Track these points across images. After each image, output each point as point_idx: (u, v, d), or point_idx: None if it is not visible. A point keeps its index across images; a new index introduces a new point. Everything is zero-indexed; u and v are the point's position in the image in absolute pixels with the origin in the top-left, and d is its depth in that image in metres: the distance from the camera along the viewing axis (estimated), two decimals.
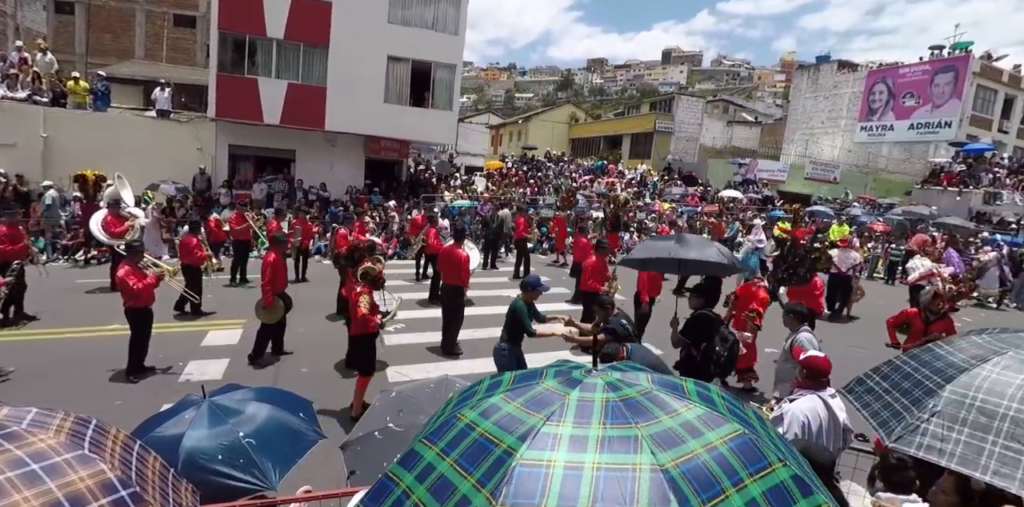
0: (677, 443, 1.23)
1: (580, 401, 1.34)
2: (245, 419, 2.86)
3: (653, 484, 1.13)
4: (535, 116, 45.90)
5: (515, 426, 1.29)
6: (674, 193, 23.60)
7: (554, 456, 1.20)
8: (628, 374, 1.54)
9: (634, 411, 1.31)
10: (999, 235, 17.47)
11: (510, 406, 1.37)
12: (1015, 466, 1.88)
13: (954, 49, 28.87)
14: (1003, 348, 2.25)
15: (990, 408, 2.04)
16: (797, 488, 1.22)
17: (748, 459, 1.23)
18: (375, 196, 18.29)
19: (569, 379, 1.46)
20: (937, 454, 2.03)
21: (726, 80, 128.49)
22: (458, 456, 1.28)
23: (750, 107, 52.46)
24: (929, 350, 2.57)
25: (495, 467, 1.20)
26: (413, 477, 1.29)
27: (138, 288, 6.30)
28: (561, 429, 1.26)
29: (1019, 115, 30.58)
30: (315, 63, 17.52)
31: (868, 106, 31.88)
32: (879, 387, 2.55)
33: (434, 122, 19.25)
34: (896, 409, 2.31)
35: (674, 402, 1.37)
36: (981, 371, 2.17)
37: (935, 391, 2.20)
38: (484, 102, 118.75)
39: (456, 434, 1.34)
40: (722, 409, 1.42)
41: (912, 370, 2.46)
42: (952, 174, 23.50)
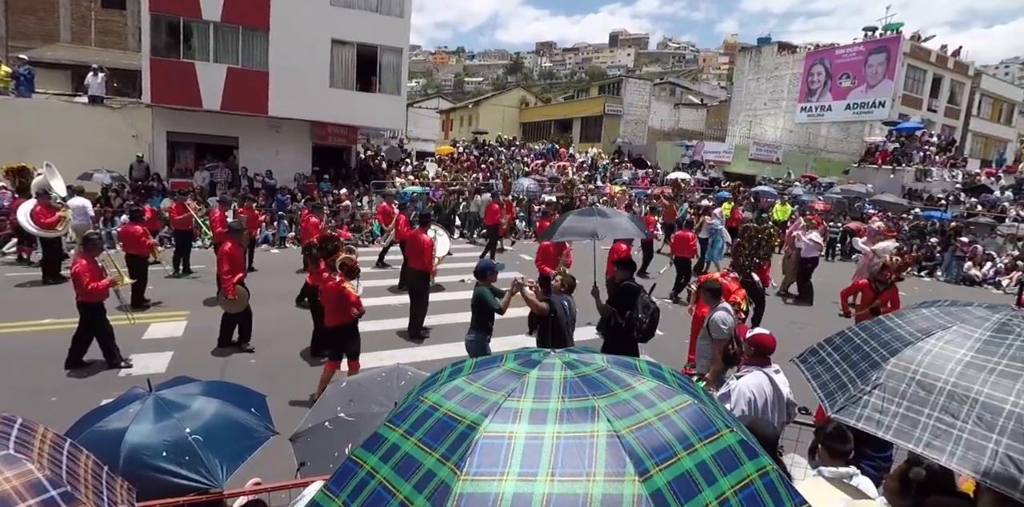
0: (632, 412, 1.28)
1: (539, 379, 1.39)
2: (192, 414, 2.76)
3: (610, 449, 1.18)
4: (485, 101, 45.53)
5: (477, 404, 1.33)
6: (624, 176, 23.93)
7: (516, 428, 1.24)
8: (584, 355, 1.60)
9: (591, 386, 1.36)
10: (929, 211, 18.57)
11: (472, 387, 1.41)
12: (946, 439, 1.92)
13: (886, 30, 30.11)
14: (949, 323, 2.27)
15: (928, 382, 2.06)
16: (744, 451, 1.30)
17: (698, 426, 1.30)
18: (324, 183, 17.83)
19: (528, 360, 1.51)
20: (875, 425, 2.06)
21: (672, 63, 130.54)
22: (422, 435, 1.30)
23: (696, 89, 53.58)
24: (880, 322, 2.57)
25: (458, 441, 1.23)
26: (377, 458, 1.31)
27: (92, 288, 6.03)
28: (522, 404, 1.30)
29: (946, 94, 32.30)
30: (256, 47, 16.80)
31: (807, 87, 33.01)
32: (830, 358, 2.57)
33: (382, 107, 18.84)
34: (843, 381, 2.33)
35: (628, 378, 1.43)
36: (924, 345, 2.18)
37: (880, 364, 2.21)
38: (433, 87, 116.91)
39: (419, 415, 1.37)
40: (672, 384, 1.49)
41: (862, 342, 2.48)
42: (886, 152, 24.68)
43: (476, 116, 42.37)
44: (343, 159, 20.77)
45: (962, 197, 20.13)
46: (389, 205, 12.91)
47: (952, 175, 22.66)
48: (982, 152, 33.58)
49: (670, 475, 1.17)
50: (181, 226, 10.96)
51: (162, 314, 8.27)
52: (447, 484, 1.16)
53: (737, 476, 1.24)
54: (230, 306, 6.96)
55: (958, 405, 1.96)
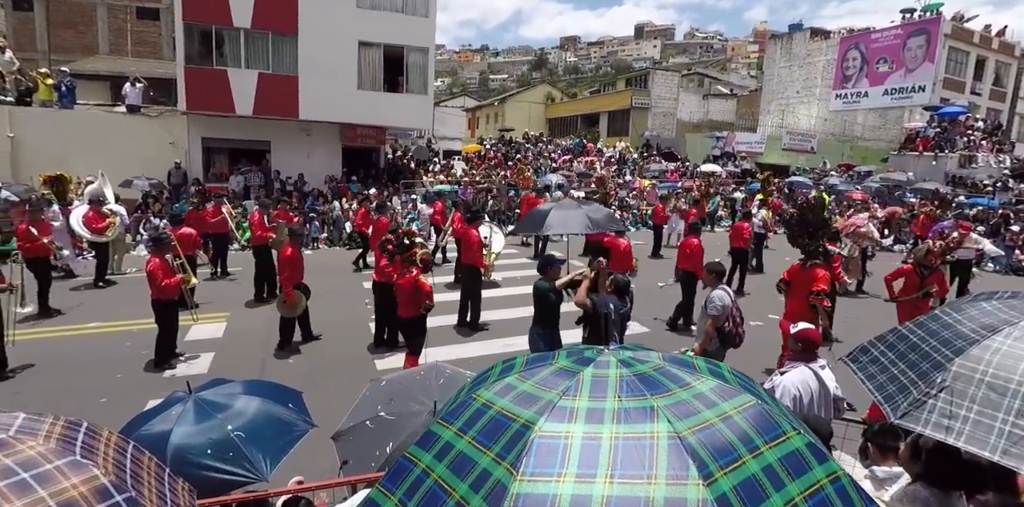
0: (693, 413, 1.25)
1: (595, 377, 1.36)
2: (234, 413, 2.85)
3: (671, 450, 1.15)
4: (511, 97, 45.48)
5: (531, 402, 1.31)
6: (653, 170, 23.61)
7: (572, 428, 1.21)
8: (639, 352, 1.57)
9: (648, 385, 1.33)
10: (975, 198, 17.80)
11: (525, 385, 1.39)
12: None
13: (925, 11, 28.92)
14: (1015, 317, 2.11)
15: (1000, 383, 1.93)
16: (813, 455, 1.25)
17: (763, 428, 1.26)
18: (354, 184, 18.08)
19: (582, 358, 1.48)
20: (944, 432, 1.94)
21: (700, 53, 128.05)
22: (476, 433, 1.29)
23: (725, 79, 52.48)
24: (936, 317, 2.43)
25: (513, 441, 1.22)
26: (432, 456, 1.31)
27: (165, 284, 6.32)
28: (578, 403, 1.28)
29: (991, 76, 30.92)
30: (285, 52, 17.11)
31: (842, 73, 31.99)
32: (884, 358, 2.44)
33: (409, 107, 18.98)
34: (903, 383, 2.19)
35: (687, 376, 1.39)
36: (992, 343, 2.04)
37: (943, 365, 2.08)
38: (459, 85, 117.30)
39: (472, 413, 1.35)
40: (733, 383, 1.45)
41: (919, 340, 2.33)
42: (927, 139, 23.77)
43: (502, 113, 42.36)
44: (372, 160, 21.03)
45: (1010, 183, 19.24)
46: (442, 204, 13.19)
47: (999, 160, 21.71)
48: None
49: (736, 479, 1.13)
50: (217, 229, 11.18)
51: (203, 316, 8.46)
52: (503, 484, 1.14)
53: (806, 481, 1.19)
54: (287, 310, 7.15)
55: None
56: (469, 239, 8.39)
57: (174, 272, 6.59)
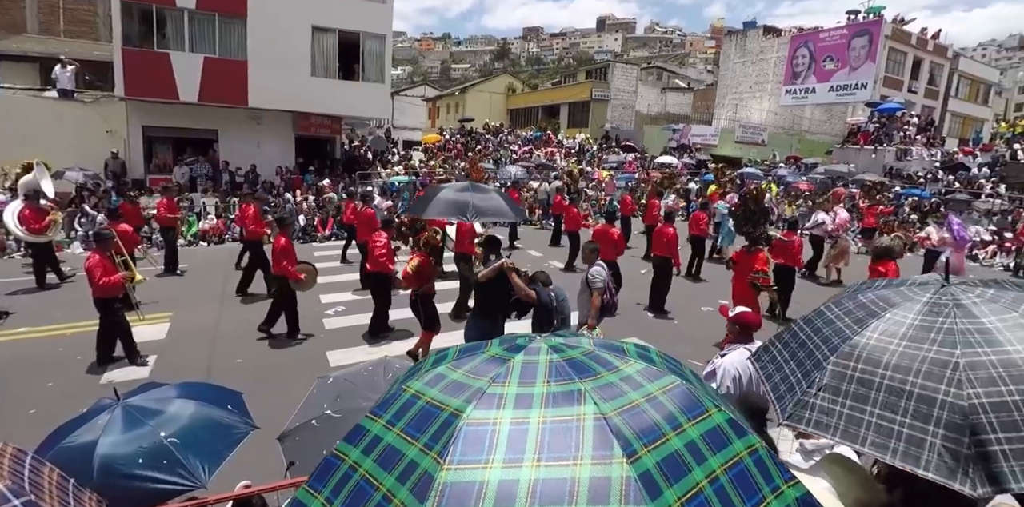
0: (619, 395, 1.27)
1: (525, 364, 1.37)
2: (167, 419, 2.73)
3: (597, 431, 1.17)
4: (472, 87, 45.08)
5: (461, 391, 1.31)
6: (612, 161, 23.87)
7: (500, 414, 1.22)
8: (570, 339, 1.57)
9: (577, 369, 1.35)
10: (910, 189, 18.75)
11: (456, 374, 1.39)
12: (888, 435, 1.90)
13: (868, 14, 30.11)
14: (882, 310, 2.24)
15: (867, 378, 2.02)
16: (733, 430, 1.30)
17: (686, 406, 1.30)
18: (308, 175, 17.61)
19: (514, 346, 1.49)
20: (824, 429, 2.03)
21: (660, 47, 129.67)
22: (404, 425, 1.28)
23: (683, 73, 53.42)
24: (821, 314, 2.49)
25: (441, 430, 1.21)
26: (360, 451, 1.29)
27: (103, 283, 5.97)
28: (507, 389, 1.28)
29: (925, 76, 32.47)
30: (233, 35, 16.39)
31: (792, 70, 33.01)
32: (780, 356, 2.50)
33: (366, 96, 18.56)
34: (791, 383, 2.27)
35: (615, 360, 1.41)
36: (860, 339, 2.13)
37: (822, 363, 2.16)
38: (419, 74, 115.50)
39: (402, 405, 1.34)
40: (660, 366, 1.48)
41: (806, 338, 2.41)
42: (868, 133, 24.85)
43: (463, 103, 41.96)
44: (327, 150, 20.51)
45: (940, 175, 20.35)
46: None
47: (931, 154, 22.93)
48: (960, 131, 33.89)
49: (659, 456, 1.17)
50: (169, 223, 10.68)
51: (144, 317, 7.97)
52: (430, 474, 1.14)
53: (727, 454, 1.24)
54: (302, 286, 7.31)
55: (896, 399, 1.94)
56: (460, 229, 8.70)
57: (116, 269, 6.30)
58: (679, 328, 8.21)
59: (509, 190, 15.18)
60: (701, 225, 11.32)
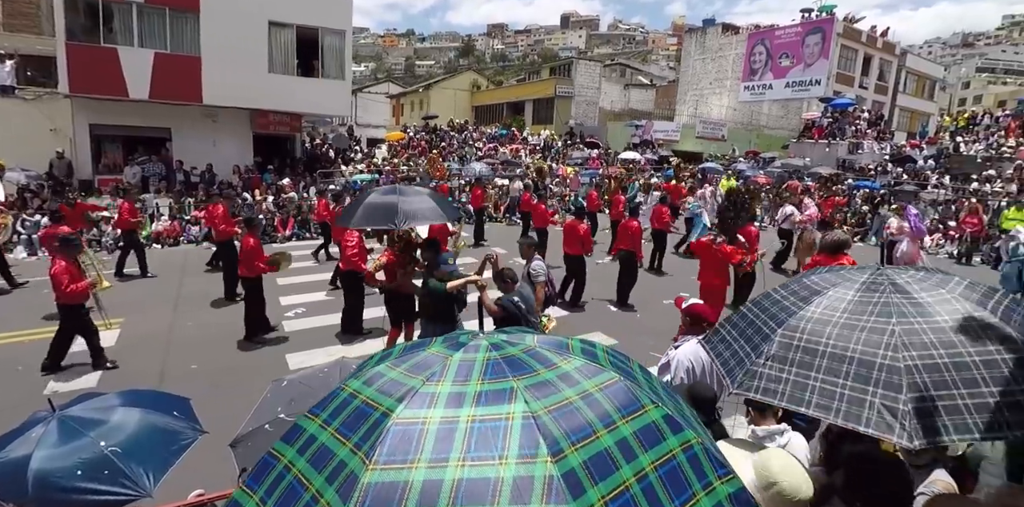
0: (552, 393, 1.27)
1: (462, 362, 1.36)
2: (109, 428, 2.64)
3: (524, 430, 1.17)
4: (436, 84, 44.72)
5: (395, 390, 1.30)
6: (576, 157, 24.03)
7: (431, 413, 1.21)
8: (514, 335, 1.57)
9: (513, 367, 1.34)
10: (862, 181, 19.43)
11: (394, 372, 1.38)
12: (831, 398, 2.02)
13: (821, 12, 31.01)
14: (825, 288, 2.40)
15: (812, 347, 2.16)
16: (668, 426, 1.31)
17: (622, 403, 1.30)
18: (267, 174, 17.20)
19: (455, 343, 1.48)
20: (772, 395, 2.16)
21: (623, 44, 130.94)
22: (339, 425, 1.28)
23: (646, 70, 54.09)
24: (768, 295, 2.68)
25: (371, 430, 1.21)
26: (295, 451, 1.29)
27: (71, 291, 5.86)
28: (440, 388, 1.28)
29: (875, 72, 33.65)
30: (186, 30, 15.85)
31: (750, 67, 33.77)
32: (729, 336, 2.65)
33: (326, 93, 18.22)
34: (740, 356, 2.41)
35: (555, 357, 1.41)
36: (805, 313, 2.30)
37: (770, 336, 2.31)
38: (383, 70, 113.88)
39: (339, 404, 1.34)
40: (603, 362, 1.48)
41: (754, 317, 2.56)
42: (822, 128, 25.64)
43: (427, 100, 41.56)
44: (287, 149, 20.08)
45: (889, 167, 21.15)
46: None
47: (881, 147, 23.80)
48: (908, 125, 35.25)
49: (586, 454, 1.16)
50: (131, 226, 10.29)
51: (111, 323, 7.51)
52: (355, 474, 1.14)
53: (659, 451, 1.25)
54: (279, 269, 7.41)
55: (838, 365, 2.08)
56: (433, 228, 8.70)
57: (82, 275, 6.15)
58: (641, 321, 8.34)
59: (474, 187, 15.15)
60: (663, 219, 11.55)
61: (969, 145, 22.57)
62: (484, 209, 15.15)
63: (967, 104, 52.25)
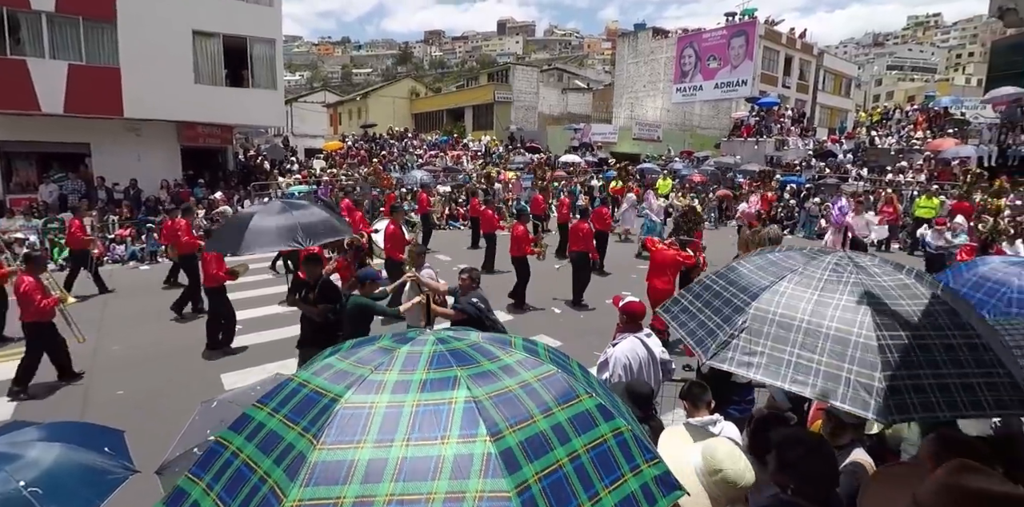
0: (493, 381, 1.36)
1: (409, 353, 1.44)
2: (25, 465, 2.42)
3: (466, 413, 1.25)
4: (374, 92, 44.10)
5: (344, 378, 1.37)
6: (517, 162, 24.25)
7: (378, 398, 1.28)
8: (460, 332, 1.66)
9: (458, 358, 1.42)
10: (789, 177, 20.49)
11: (343, 364, 1.45)
12: (807, 373, 2.07)
13: (743, 15, 32.54)
14: (795, 266, 2.48)
15: (787, 321, 2.20)
16: (600, 414, 1.41)
17: (559, 392, 1.40)
18: (198, 188, 16.51)
19: (403, 338, 1.56)
20: (746, 368, 2.18)
21: (559, 49, 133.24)
22: (288, 412, 1.33)
23: (582, 74, 55.19)
24: (734, 269, 2.72)
25: (320, 414, 1.27)
26: (243, 438, 1.33)
27: (44, 306, 5.87)
28: (388, 376, 1.35)
29: (796, 72, 35.58)
30: (102, 41, 15.02)
31: (680, 69, 35.02)
32: (693, 306, 2.66)
33: (257, 103, 17.69)
34: (710, 327, 2.42)
35: (497, 351, 1.50)
36: (779, 288, 2.34)
37: (743, 308, 2.33)
38: (319, 79, 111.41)
39: (288, 393, 1.40)
40: (543, 358, 1.57)
41: (721, 289, 2.59)
42: (750, 126, 26.89)
43: (365, 109, 40.92)
44: (219, 161, 19.37)
45: (813, 162, 22.37)
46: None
47: (805, 143, 25.15)
48: (828, 122, 37.39)
49: (523, 436, 1.25)
50: (83, 245, 9.98)
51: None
52: (303, 454, 1.20)
53: (591, 436, 1.34)
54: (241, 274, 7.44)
55: (813, 340, 2.13)
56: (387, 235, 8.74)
57: (49, 292, 6.14)
58: (585, 321, 8.49)
59: (420, 194, 15.02)
60: (605, 220, 11.84)
61: (883, 139, 24.17)
62: (430, 215, 15.04)
63: (880, 100, 55.88)
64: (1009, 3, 2.05)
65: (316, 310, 5.14)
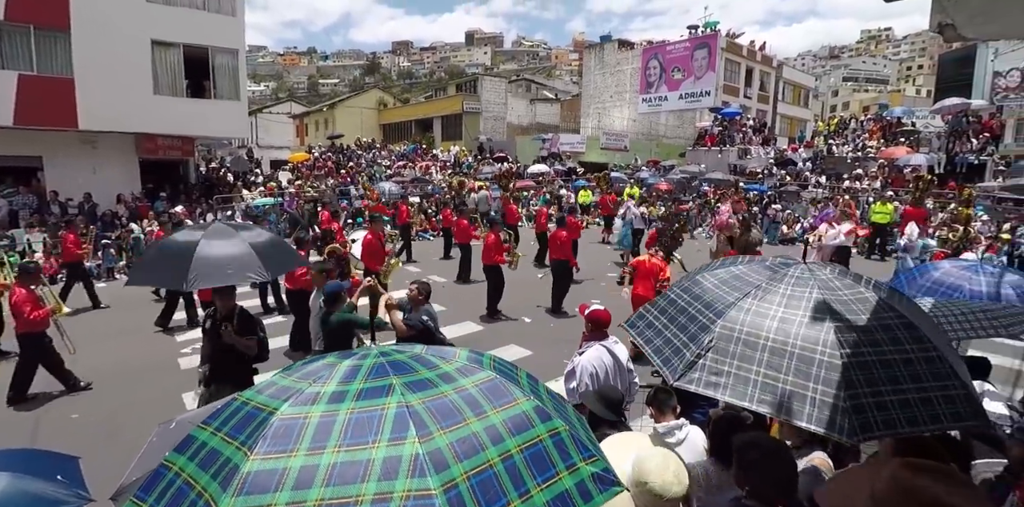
0: (429, 387, 1.39)
1: (350, 366, 1.47)
2: None
3: (397, 417, 1.28)
4: (341, 103, 43.78)
5: (283, 393, 1.40)
6: (486, 172, 24.31)
7: (312, 409, 1.32)
8: (404, 345, 1.71)
9: (397, 368, 1.45)
10: (752, 185, 21.01)
11: (285, 380, 1.48)
12: (774, 392, 2.04)
13: (706, 28, 33.47)
14: (758, 281, 2.43)
15: (752, 340, 2.17)
16: (537, 415, 1.44)
17: (494, 396, 1.43)
18: (159, 202, 16.06)
19: (347, 354, 1.59)
20: (714, 388, 2.14)
21: (527, 60, 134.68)
22: (229, 429, 1.36)
23: (550, 85, 55.73)
24: (698, 283, 2.66)
25: (257, 428, 1.30)
26: (186, 458, 1.36)
27: (35, 317, 5.93)
28: (325, 388, 1.39)
29: (757, 83, 36.70)
30: (55, 50, 14.61)
31: (646, 80, 35.75)
32: (658, 322, 2.61)
33: (220, 114, 17.41)
34: (676, 346, 2.37)
35: (437, 361, 1.53)
36: (744, 304, 2.30)
37: (708, 327, 2.29)
38: (284, 90, 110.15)
39: (231, 411, 1.43)
40: (485, 366, 1.59)
41: (686, 304, 2.54)
42: (713, 135, 27.57)
43: (332, 119, 40.56)
44: (180, 174, 18.92)
45: (774, 170, 23.03)
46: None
47: (766, 152, 25.87)
48: (788, 131, 38.53)
49: (454, 437, 1.28)
50: (77, 258, 10.01)
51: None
52: (237, 465, 1.23)
53: (526, 436, 1.37)
54: None
55: (779, 359, 2.10)
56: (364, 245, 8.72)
57: (43, 303, 6.22)
58: (555, 330, 8.51)
59: (399, 204, 14.89)
60: (576, 228, 11.85)
61: (840, 147, 25.07)
62: (410, 225, 14.91)
63: (837, 110, 58.03)
64: (947, 19, 2.17)
65: (253, 343, 4.63)
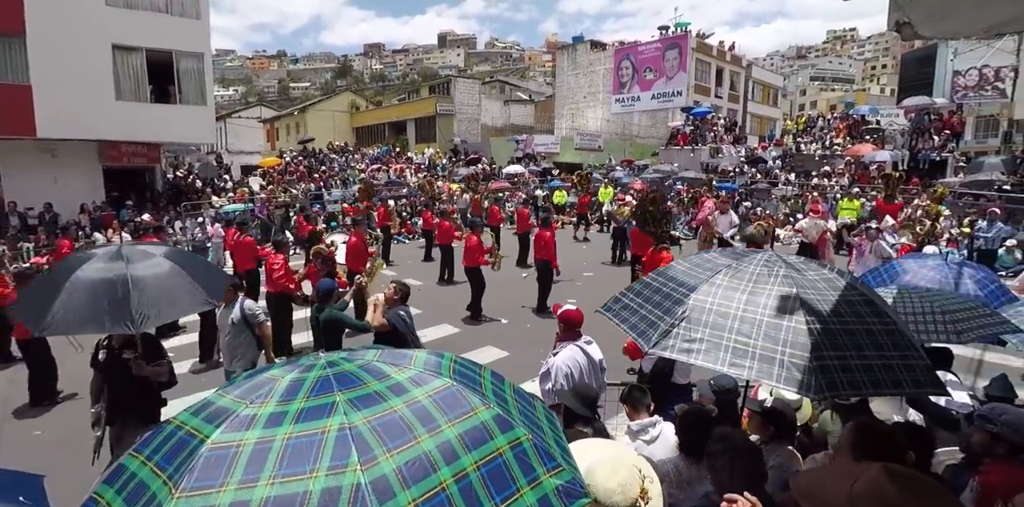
0: (376, 403, 1.29)
1: (292, 381, 1.36)
2: None
3: (338, 442, 1.19)
4: (312, 106, 43.22)
5: (218, 416, 1.28)
6: (461, 174, 24.23)
7: (246, 436, 1.21)
8: (356, 352, 1.58)
9: (342, 382, 1.35)
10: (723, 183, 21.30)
11: (224, 399, 1.36)
12: (744, 356, 2.22)
13: (676, 28, 33.86)
14: (728, 263, 2.68)
15: (724, 310, 2.37)
16: (497, 426, 1.34)
17: (450, 408, 1.33)
18: (125, 211, 15.63)
19: (294, 364, 1.48)
20: (687, 354, 2.33)
21: (501, 61, 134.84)
22: (159, 458, 1.24)
23: (524, 86, 55.91)
24: (672, 267, 2.94)
25: (187, 459, 1.19)
26: (114, 491, 1.25)
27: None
28: (262, 409, 1.27)
29: (727, 83, 37.28)
30: (11, 56, 14.19)
31: (618, 80, 36.02)
32: (634, 303, 2.82)
33: (185, 120, 17.04)
34: (651, 320, 2.56)
35: (389, 369, 1.43)
36: (715, 280, 2.54)
37: (682, 300, 2.51)
38: (254, 94, 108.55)
39: (163, 438, 1.31)
40: (445, 370, 1.49)
41: (660, 285, 2.77)
42: (685, 135, 27.88)
43: (304, 123, 40.02)
44: (147, 181, 18.46)
45: (745, 168, 23.39)
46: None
47: (737, 151, 26.28)
48: (758, 130, 39.23)
49: (402, 459, 1.19)
50: None
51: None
52: (160, 505, 1.12)
53: (484, 451, 1.29)
54: None
55: (749, 327, 2.28)
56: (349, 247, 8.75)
57: None
58: (532, 331, 8.49)
59: (379, 206, 14.80)
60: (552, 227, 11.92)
61: (808, 145, 25.59)
62: (389, 227, 14.74)
63: (805, 109, 59.34)
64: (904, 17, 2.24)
65: (164, 369, 4.32)
